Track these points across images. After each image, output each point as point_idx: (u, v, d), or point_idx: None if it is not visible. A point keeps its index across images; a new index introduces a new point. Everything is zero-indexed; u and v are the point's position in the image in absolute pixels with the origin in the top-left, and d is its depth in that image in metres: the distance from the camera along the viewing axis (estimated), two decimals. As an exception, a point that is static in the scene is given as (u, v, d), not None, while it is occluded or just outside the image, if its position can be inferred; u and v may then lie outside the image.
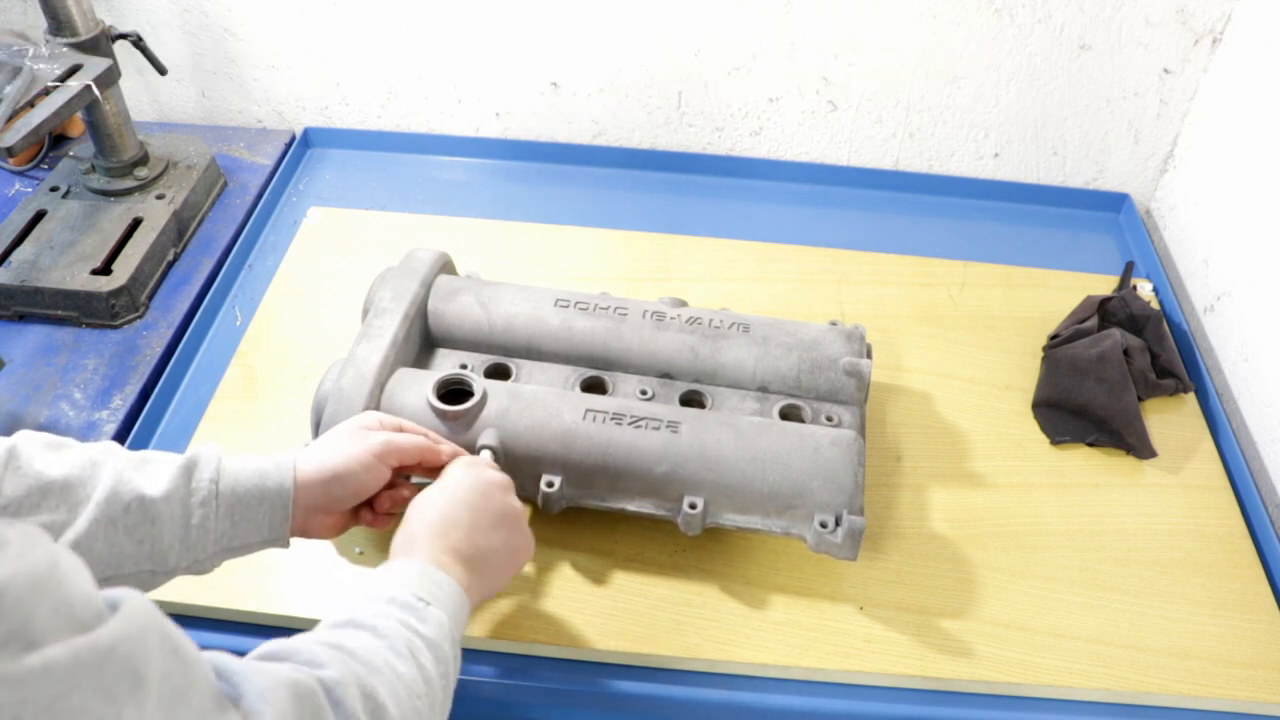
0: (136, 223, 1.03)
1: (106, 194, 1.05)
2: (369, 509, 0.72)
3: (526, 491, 0.75)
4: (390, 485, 0.71)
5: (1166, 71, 1.12)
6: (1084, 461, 0.90)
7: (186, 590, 0.72)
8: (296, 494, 0.65)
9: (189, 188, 1.08)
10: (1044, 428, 0.92)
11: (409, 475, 0.74)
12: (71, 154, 1.10)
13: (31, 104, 0.88)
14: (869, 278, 1.07)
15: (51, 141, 1.18)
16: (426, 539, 0.64)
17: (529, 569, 0.78)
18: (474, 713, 0.81)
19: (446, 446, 0.73)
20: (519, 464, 0.76)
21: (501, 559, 0.67)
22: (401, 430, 0.72)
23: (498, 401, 0.77)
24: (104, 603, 0.37)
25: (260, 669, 0.45)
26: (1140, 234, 1.16)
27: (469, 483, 0.68)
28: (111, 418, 0.89)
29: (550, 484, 0.76)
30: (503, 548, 0.67)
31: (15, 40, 1.03)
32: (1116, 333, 0.95)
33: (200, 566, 0.63)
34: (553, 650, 0.74)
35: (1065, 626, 0.77)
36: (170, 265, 1.04)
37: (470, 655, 0.74)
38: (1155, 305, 1.04)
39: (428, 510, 0.66)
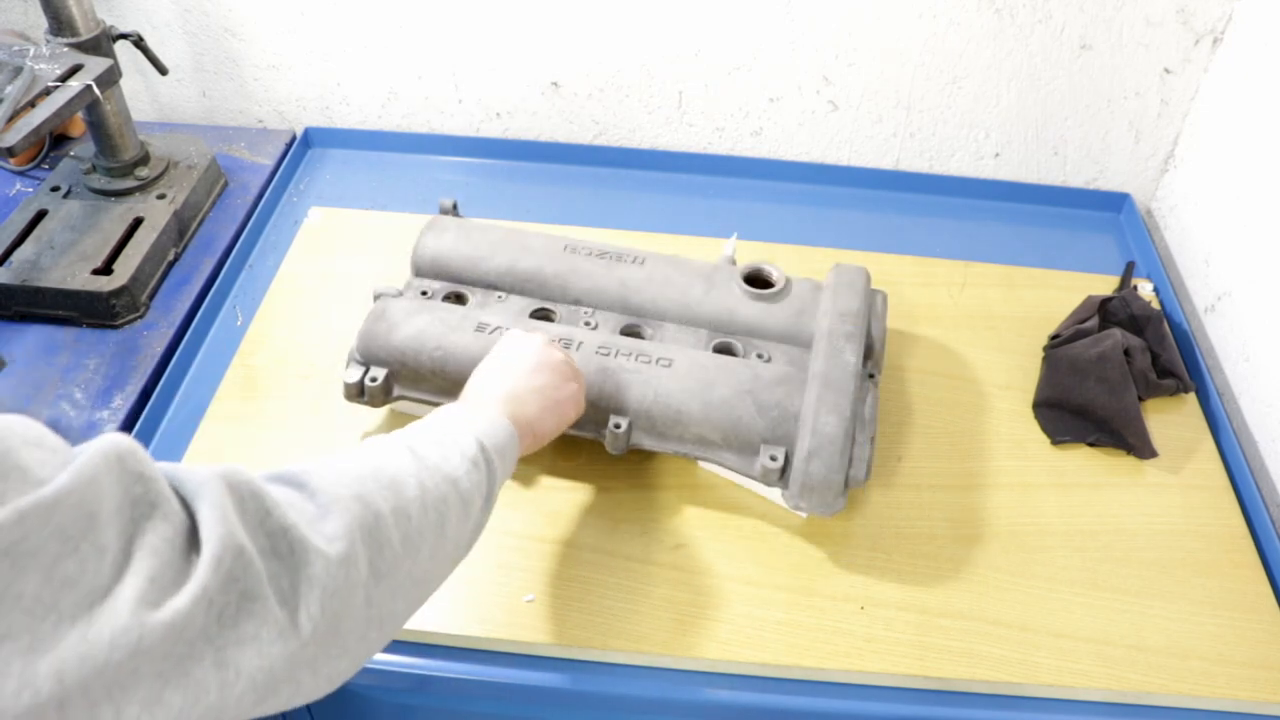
0: (137, 223, 1.03)
1: (107, 194, 1.05)
2: None
3: None
4: None
5: (1167, 71, 1.12)
6: (1084, 461, 0.90)
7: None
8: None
9: (190, 188, 1.08)
10: (1044, 428, 0.92)
11: None
12: (72, 154, 1.10)
13: (32, 104, 0.88)
14: (869, 278, 1.07)
15: (52, 141, 1.18)
16: (485, 393, 0.70)
17: (528, 570, 0.78)
18: (475, 713, 0.81)
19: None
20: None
21: (547, 398, 0.72)
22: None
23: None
24: (67, 457, 0.41)
25: (225, 516, 0.44)
26: (1141, 234, 1.15)
27: (507, 345, 0.75)
28: (112, 417, 0.89)
29: None
30: (547, 386, 0.73)
31: (16, 40, 1.03)
32: (1117, 333, 0.94)
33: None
34: (553, 650, 0.75)
35: (1065, 626, 0.77)
36: (171, 265, 1.04)
37: (470, 655, 0.75)
38: (1156, 305, 1.04)
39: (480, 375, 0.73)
